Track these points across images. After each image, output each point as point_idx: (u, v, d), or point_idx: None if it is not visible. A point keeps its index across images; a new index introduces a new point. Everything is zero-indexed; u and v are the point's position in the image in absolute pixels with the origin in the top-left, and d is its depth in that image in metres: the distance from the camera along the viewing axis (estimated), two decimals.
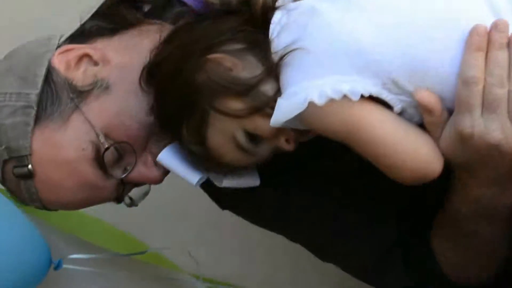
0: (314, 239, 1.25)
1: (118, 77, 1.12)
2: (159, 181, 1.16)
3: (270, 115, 0.98)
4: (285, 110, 0.96)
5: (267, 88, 0.99)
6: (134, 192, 1.20)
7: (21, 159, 1.10)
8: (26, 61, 1.14)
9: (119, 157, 1.12)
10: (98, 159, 1.10)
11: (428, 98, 0.92)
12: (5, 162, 1.11)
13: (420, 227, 1.17)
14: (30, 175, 1.10)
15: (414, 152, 0.94)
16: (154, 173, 1.15)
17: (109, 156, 1.10)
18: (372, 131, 0.93)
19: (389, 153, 0.93)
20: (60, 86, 1.11)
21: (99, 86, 1.11)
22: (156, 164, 1.13)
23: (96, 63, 1.13)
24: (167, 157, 1.10)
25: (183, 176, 1.10)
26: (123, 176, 1.13)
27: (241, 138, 1.02)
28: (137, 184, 1.18)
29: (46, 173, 1.11)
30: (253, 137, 1.02)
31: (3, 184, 1.16)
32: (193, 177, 1.10)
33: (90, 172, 1.11)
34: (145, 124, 1.11)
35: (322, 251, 1.27)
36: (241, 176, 1.11)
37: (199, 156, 1.07)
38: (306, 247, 1.28)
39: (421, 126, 0.97)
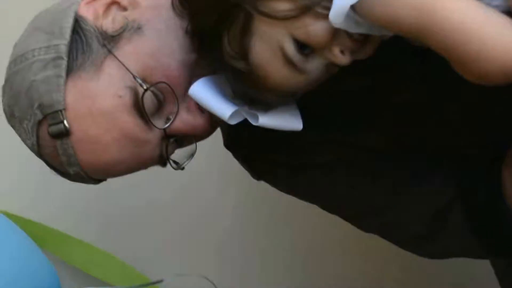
0: (363, 202, 1.14)
1: (150, 16, 1.04)
2: (205, 129, 1.05)
3: (322, 17, 0.85)
4: None
5: None
6: (179, 154, 1.09)
7: (56, 115, 0.99)
8: (51, 17, 1.06)
9: (159, 104, 1.02)
10: (137, 105, 1.00)
11: None
12: (39, 123, 1.01)
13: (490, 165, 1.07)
14: (66, 132, 1.00)
15: (500, 37, 0.79)
16: (199, 119, 1.04)
17: (148, 101, 1.00)
18: (450, 14, 0.80)
19: (470, 39, 0.79)
20: (90, 33, 1.02)
21: (130, 28, 1.02)
22: (201, 109, 1.02)
23: (125, 9, 1.06)
24: (200, 90, 0.98)
25: (215, 110, 0.97)
26: (166, 126, 1.02)
27: (290, 47, 0.88)
28: (182, 142, 1.08)
29: (83, 128, 1.00)
30: (303, 47, 0.88)
31: (39, 152, 1.05)
32: (227, 109, 0.96)
33: (130, 122, 1.00)
34: (185, 63, 1.02)
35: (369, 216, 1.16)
36: (282, 115, 0.98)
37: (242, 76, 0.92)
38: (350, 214, 1.19)
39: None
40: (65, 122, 1.00)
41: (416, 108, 1.07)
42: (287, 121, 0.99)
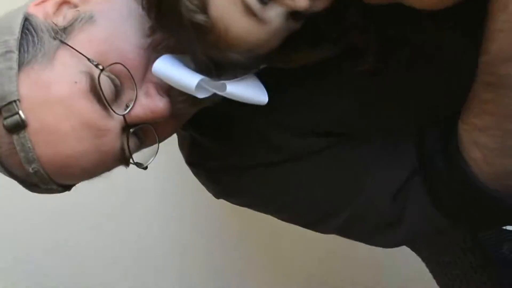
0: (326, 200, 1.12)
1: (102, 7, 1.02)
2: (165, 113, 1.01)
3: None
4: None
5: None
6: (143, 155, 1.06)
7: (10, 107, 0.95)
8: (3, 20, 1.04)
9: (117, 90, 0.99)
10: (94, 89, 0.96)
11: None
12: None
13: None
14: (23, 123, 0.96)
15: None
16: (159, 103, 1.00)
17: (105, 86, 0.97)
18: None
19: None
20: (40, 28, 1.00)
21: (81, 19, 1.00)
22: (160, 93, 1.00)
23: (76, 6, 1.04)
24: (163, 66, 0.93)
25: (180, 83, 0.92)
26: (126, 112, 0.99)
27: None
28: (144, 139, 1.05)
29: (40, 118, 0.96)
30: None
31: None
32: (192, 80, 0.91)
33: (88, 107, 0.97)
34: (141, 47, 1.00)
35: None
36: (248, 87, 0.96)
37: (202, 34, 0.88)
38: (312, 219, 1.16)
39: None
40: (20, 113, 0.96)
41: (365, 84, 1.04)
42: (253, 92, 0.96)
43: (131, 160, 1.04)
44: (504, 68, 0.88)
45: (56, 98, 0.97)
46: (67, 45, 0.99)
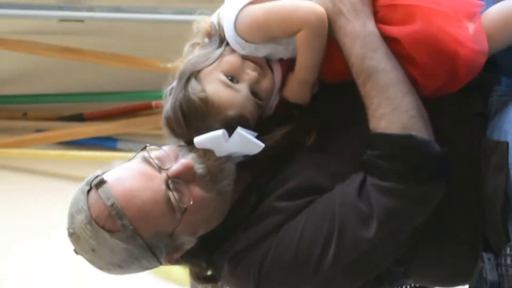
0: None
1: None
2: (189, 165, 1.45)
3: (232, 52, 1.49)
4: (228, 24, 1.47)
5: None
6: None
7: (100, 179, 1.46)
8: None
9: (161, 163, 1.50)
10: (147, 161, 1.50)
11: None
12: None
13: None
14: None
15: (302, 4, 1.44)
16: (183, 160, 1.46)
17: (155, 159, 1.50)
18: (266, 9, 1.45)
19: (284, 16, 1.44)
20: None
21: None
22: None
23: None
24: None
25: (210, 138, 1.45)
26: (166, 168, 1.47)
27: (222, 77, 1.46)
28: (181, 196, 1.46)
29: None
30: (230, 78, 1.46)
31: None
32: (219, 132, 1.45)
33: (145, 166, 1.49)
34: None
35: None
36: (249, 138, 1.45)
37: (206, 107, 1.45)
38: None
39: None
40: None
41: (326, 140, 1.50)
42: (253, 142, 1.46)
43: (174, 197, 1.44)
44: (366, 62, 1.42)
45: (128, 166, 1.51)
46: None
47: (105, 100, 3.35)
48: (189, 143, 1.50)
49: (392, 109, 1.40)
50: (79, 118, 3.35)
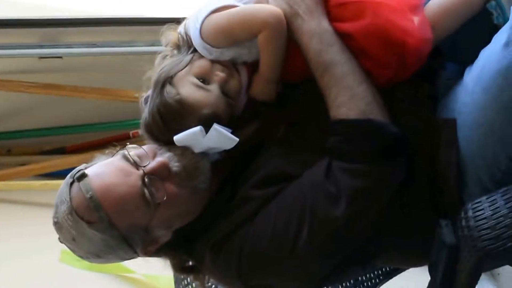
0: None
1: None
2: (165, 162, 1.57)
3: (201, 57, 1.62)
4: (194, 32, 1.60)
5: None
6: None
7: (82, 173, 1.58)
8: None
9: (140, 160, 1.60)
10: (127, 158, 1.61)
11: None
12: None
13: None
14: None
15: (261, 8, 1.58)
16: (159, 159, 1.58)
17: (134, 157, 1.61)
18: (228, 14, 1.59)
19: (245, 19, 1.57)
20: None
21: None
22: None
23: None
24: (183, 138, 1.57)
25: (189, 135, 1.56)
26: (143, 165, 1.58)
27: (194, 79, 1.58)
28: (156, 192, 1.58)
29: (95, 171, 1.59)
30: (201, 79, 1.58)
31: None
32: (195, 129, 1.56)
33: (123, 163, 1.60)
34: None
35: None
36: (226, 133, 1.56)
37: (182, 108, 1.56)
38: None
39: None
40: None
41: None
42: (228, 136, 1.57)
43: (149, 193, 1.54)
44: (324, 56, 1.54)
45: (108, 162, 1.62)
46: None
47: (85, 131, 3.42)
48: (168, 145, 1.59)
49: (350, 97, 1.51)
50: (61, 151, 3.43)
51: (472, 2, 1.56)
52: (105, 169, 1.57)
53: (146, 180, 1.55)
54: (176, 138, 1.56)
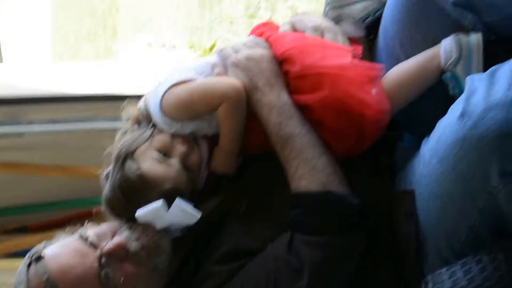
0: None
1: None
2: (121, 242, 1.57)
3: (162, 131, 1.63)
4: (154, 107, 1.61)
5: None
6: None
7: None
8: None
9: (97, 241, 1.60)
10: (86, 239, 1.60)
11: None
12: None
13: None
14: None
15: (221, 80, 1.61)
16: (116, 240, 1.57)
17: (91, 237, 1.61)
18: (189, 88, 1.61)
19: (205, 92, 1.60)
20: None
21: None
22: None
23: None
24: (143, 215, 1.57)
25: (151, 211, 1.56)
26: (101, 246, 1.58)
27: (155, 154, 1.59)
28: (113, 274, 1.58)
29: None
30: (163, 153, 1.59)
31: None
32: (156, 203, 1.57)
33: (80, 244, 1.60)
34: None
35: None
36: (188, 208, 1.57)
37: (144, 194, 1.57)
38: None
39: None
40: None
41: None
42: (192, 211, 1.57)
43: (104, 276, 1.54)
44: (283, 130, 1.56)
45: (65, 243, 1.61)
46: None
47: (47, 210, 3.40)
48: (130, 221, 1.58)
49: (310, 169, 1.52)
50: (24, 230, 3.39)
51: (428, 74, 1.58)
52: (61, 250, 1.58)
53: (102, 261, 1.55)
54: (138, 214, 1.56)
